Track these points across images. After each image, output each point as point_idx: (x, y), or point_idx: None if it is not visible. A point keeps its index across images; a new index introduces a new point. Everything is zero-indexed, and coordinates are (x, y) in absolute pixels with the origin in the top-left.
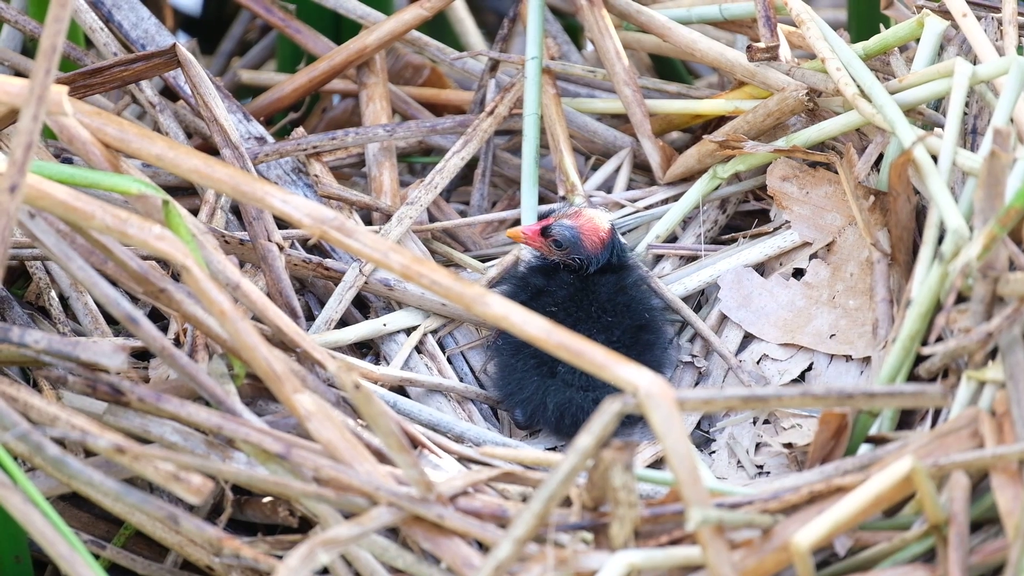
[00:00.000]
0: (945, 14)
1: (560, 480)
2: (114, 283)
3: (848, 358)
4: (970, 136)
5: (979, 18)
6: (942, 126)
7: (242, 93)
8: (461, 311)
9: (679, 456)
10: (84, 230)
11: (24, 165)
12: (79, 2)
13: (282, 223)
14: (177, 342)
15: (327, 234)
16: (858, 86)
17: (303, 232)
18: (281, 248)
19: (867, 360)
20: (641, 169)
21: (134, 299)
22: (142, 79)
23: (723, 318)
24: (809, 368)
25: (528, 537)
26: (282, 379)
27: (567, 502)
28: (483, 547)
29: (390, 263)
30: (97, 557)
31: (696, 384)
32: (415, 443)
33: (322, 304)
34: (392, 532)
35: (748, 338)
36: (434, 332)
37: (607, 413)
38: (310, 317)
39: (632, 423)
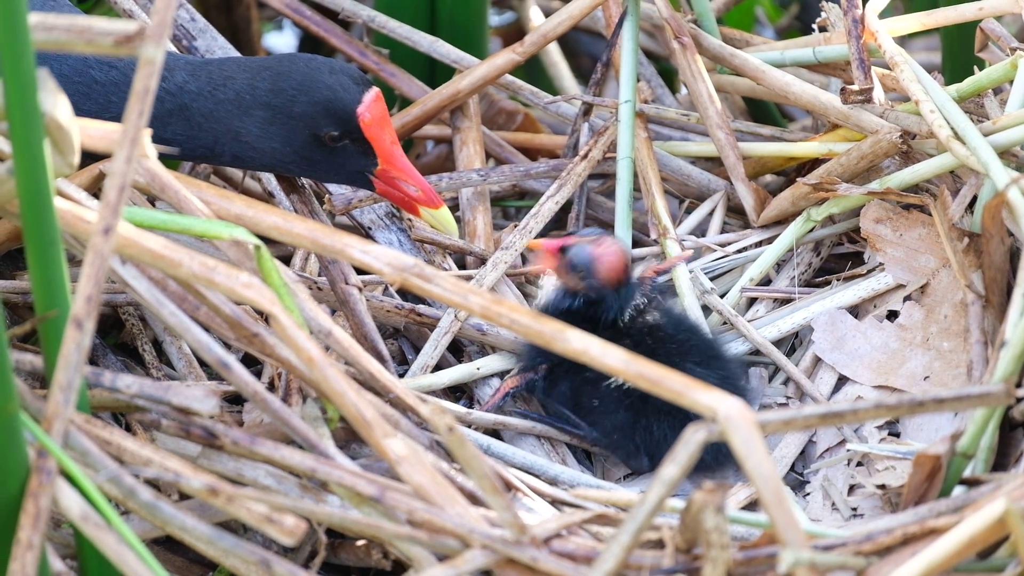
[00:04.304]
0: None
1: (647, 512)
2: (207, 329)
3: None
4: None
5: None
6: None
7: None
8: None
9: (763, 477)
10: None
11: (118, 207)
12: (171, 46)
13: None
14: (271, 386)
15: (408, 281)
16: (952, 128)
17: None
18: (360, 290)
19: None
20: (734, 212)
21: (227, 344)
22: None
23: (817, 360)
24: None
25: (617, 570)
26: (372, 424)
27: (660, 544)
28: None
29: (470, 305)
30: None
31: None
32: (508, 486)
33: (415, 347)
34: (486, 575)
35: (842, 380)
36: None
37: (691, 442)
38: (403, 361)
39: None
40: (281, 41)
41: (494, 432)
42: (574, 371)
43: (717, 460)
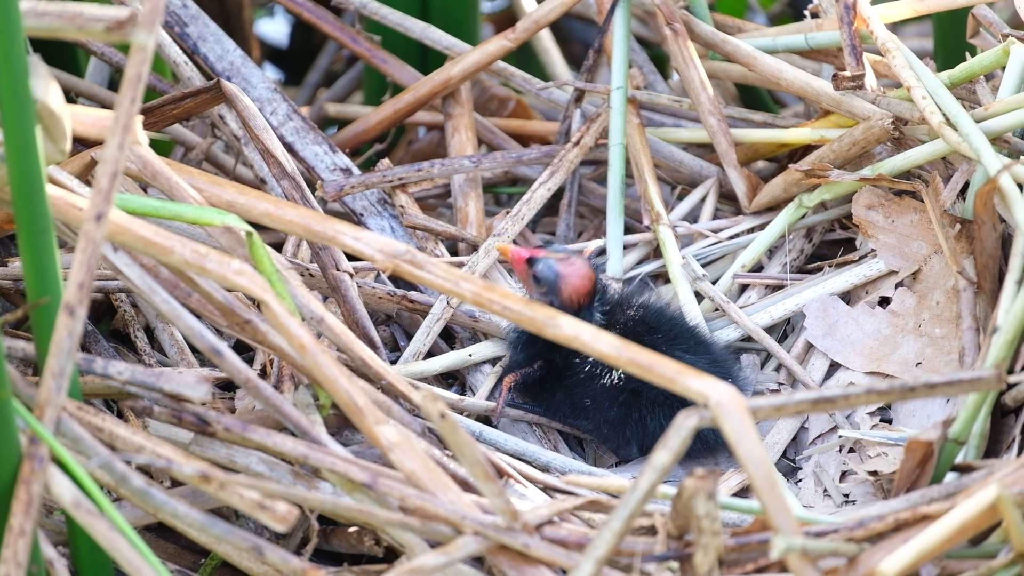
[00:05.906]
0: None
1: (639, 498)
2: (198, 316)
3: None
4: None
5: None
6: None
7: (328, 125)
8: None
9: (755, 463)
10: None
11: (110, 193)
12: (164, 35)
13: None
14: (263, 373)
15: (400, 268)
16: (944, 114)
17: None
18: (352, 276)
19: None
20: (727, 198)
21: (219, 331)
22: (192, 116)
23: (809, 347)
24: None
25: (608, 556)
26: (364, 411)
27: (652, 531)
28: None
29: (461, 292)
30: None
31: None
32: (500, 472)
33: (407, 334)
34: (478, 561)
35: (834, 367)
36: None
37: (683, 428)
38: (395, 348)
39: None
40: (273, 27)
41: (486, 419)
42: (564, 372)
43: (709, 447)
